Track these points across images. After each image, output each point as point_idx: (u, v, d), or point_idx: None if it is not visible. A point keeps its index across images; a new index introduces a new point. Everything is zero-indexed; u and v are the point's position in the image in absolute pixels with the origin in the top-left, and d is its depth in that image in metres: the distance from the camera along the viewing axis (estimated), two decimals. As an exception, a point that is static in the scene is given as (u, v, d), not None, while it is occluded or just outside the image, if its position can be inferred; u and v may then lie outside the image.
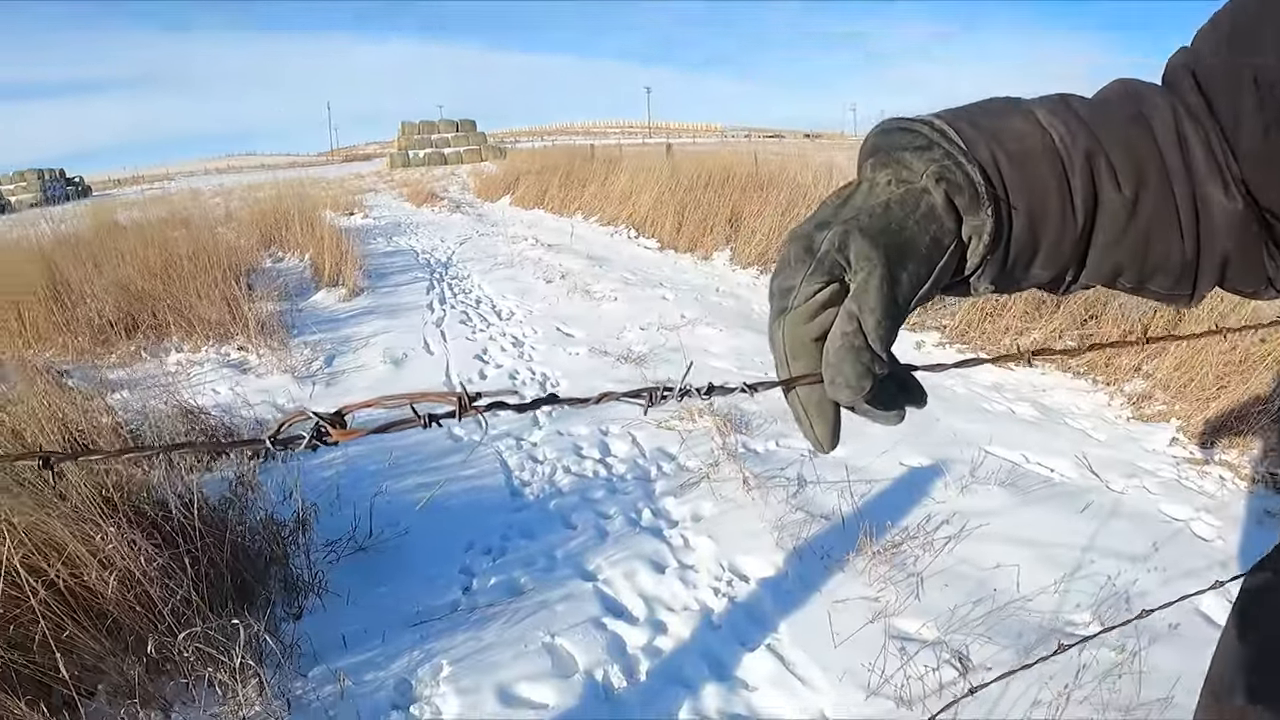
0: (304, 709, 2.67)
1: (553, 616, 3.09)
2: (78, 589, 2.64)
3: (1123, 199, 0.67)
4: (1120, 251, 0.70)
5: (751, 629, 3.00)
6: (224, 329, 6.98)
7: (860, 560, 3.23)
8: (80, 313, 7.11)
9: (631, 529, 3.69)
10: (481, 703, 2.68)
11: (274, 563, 3.29)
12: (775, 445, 4.32)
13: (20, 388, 4.42)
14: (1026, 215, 0.65)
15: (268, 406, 5.40)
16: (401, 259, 11.23)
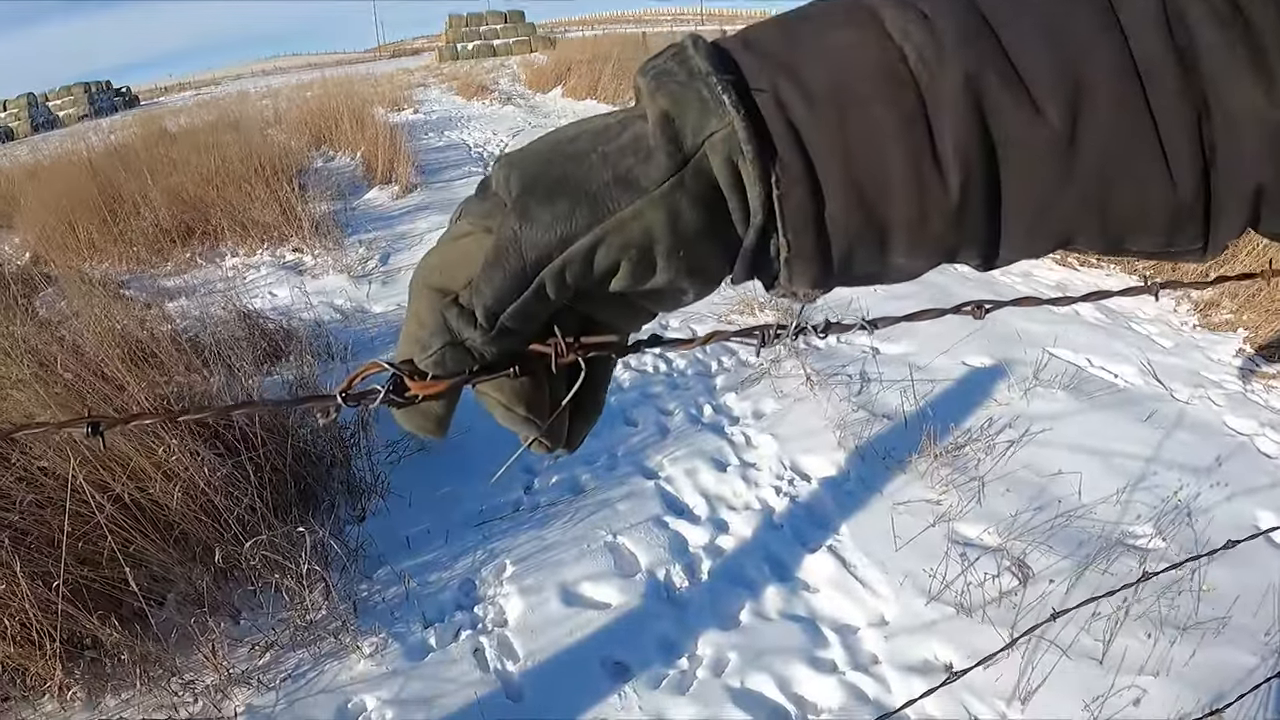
0: (370, 611, 2.72)
1: (615, 515, 3.10)
2: (144, 502, 2.69)
3: (1046, 128, 0.41)
4: (1060, 211, 0.43)
5: (813, 530, 2.98)
6: (278, 231, 7.00)
7: (922, 462, 3.17)
8: (134, 223, 7.18)
9: (693, 426, 3.66)
10: (545, 602, 2.71)
11: (336, 466, 3.33)
12: (837, 341, 4.22)
13: (78, 302, 4.48)
14: (846, 183, 0.41)
15: (326, 307, 5.43)
16: (454, 153, 11.13)
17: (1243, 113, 0.41)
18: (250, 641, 2.62)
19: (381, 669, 2.51)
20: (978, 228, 0.43)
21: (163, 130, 12.06)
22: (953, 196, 0.41)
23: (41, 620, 2.38)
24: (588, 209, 0.40)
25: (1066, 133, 0.40)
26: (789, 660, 2.43)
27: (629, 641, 2.55)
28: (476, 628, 2.66)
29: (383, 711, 2.38)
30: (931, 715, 2.23)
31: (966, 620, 2.49)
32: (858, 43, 0.41)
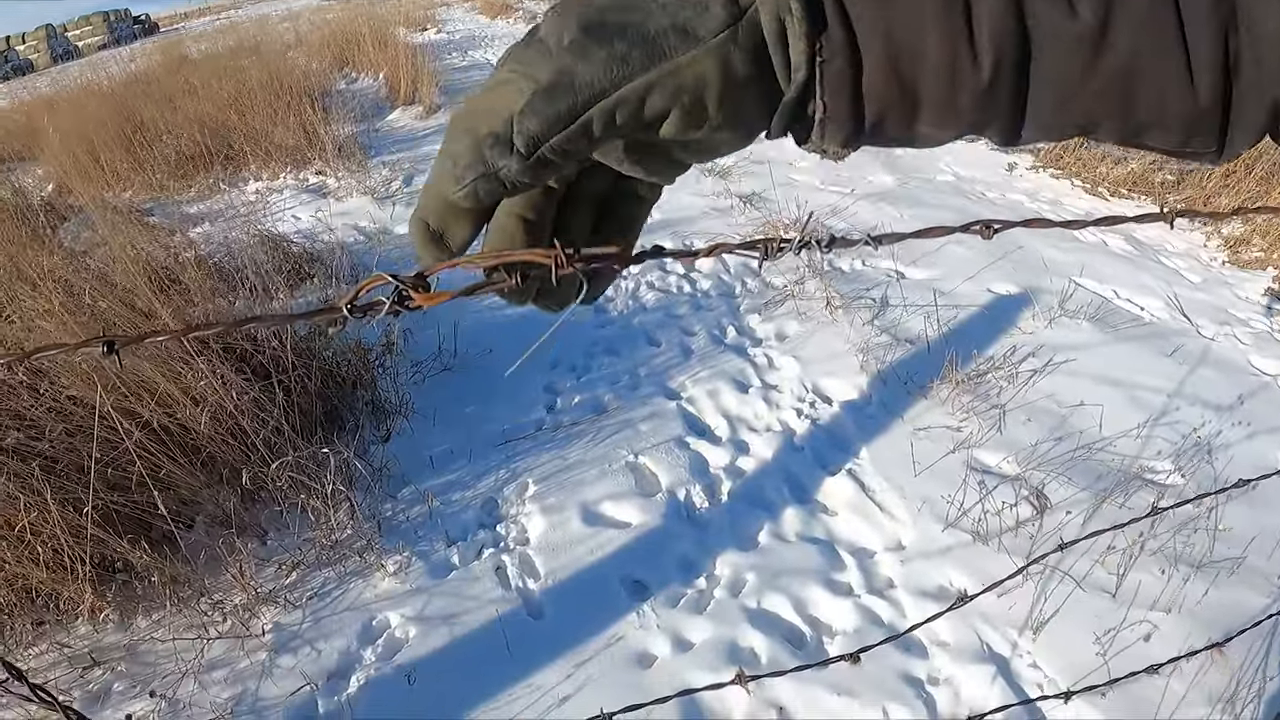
0: (394, 530, 2.79)
1: (636, 435, 3.14)
2: (172, 427, 2.75)
3: (1079, 25, 0.44)
4: (1084, 101, 0.46)
5: (833, 453, 3.01)
6: (301, 155, 7.00)
7: (944, 388, 3.18)
8: (156, 151, 7.19)
9: (716, 347, 3.69)
10: (566, 521, 2.77)
11: (361, 387, 3.39)
12: (862, 265, 4.22)
13: (103, 231, 4.53)
14: (885, 57, 0.43)
15: (349, 229, 5.46)
16: (478, 74, 11.02)
17: (1269, 30, 0.43)
18: (277, 561, 2.70)
19: (405, 587, 2.59)
20: (1003, 109, 0.45)
21: (183, 56, 12.01)
22: (983, 79, 0.43)
23: (73, 546, 2.46)
24: (645, 52, 0.42)
25: (1097, 29, 0.43)
26: (806, 582, 2.48)
27: (648, 561, 2.61)
28: (499, 546, 2.73)
29: (406, 628, 2.45)
30: (944, 640, 2.28)
31: (983, 548, 2.52)
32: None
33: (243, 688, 2.35)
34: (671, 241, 4.67)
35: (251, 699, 2.32)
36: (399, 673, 2.32)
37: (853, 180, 5.38)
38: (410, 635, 2.43)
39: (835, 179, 5.50)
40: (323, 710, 2.26)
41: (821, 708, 2.14)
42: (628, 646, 2.33)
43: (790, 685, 2.18)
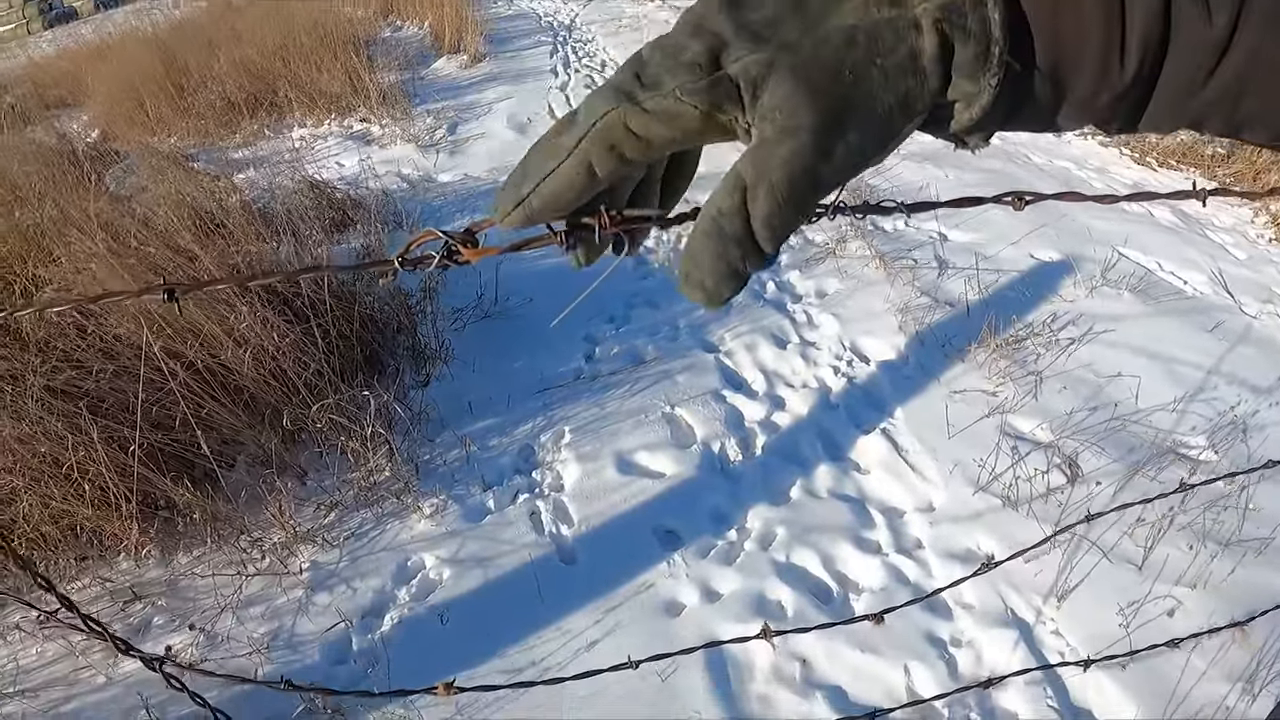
0: (431, 473, 2.85)
1: (673, 387, 3.18)
2: (215, 368, 2.82)
3: (1210, 34, 0.46)
4: (1197, 105, 0.49)
5: (868, 411, 3.03)
6: (346, 102, 7.05)
7: (981, 352, 3.18)
8: (202, 97, 7.27)
9: (755, 302, 3.70)
10: (601, 469, 2.82)
11: (402, 332, 3.45)
12: (905, 225, 4.20)
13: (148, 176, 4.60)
14: (1050, 66, 0.46)
15: (393, 177, 5.51)
16: (523, 23, 11.00)
17: None
18: (316, 501, 2.77)
19: (440, 529, 2.65)
20: (1131, 107, 0.48)
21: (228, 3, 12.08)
22: (1125, 80, 0.45)
23: (118, 483, 2.54)
24: (877, 139, 0.44)
25: (1225, 39, 0.45)
26: (835, 539, 2.52)
27: (681, 511, 2.65)
28: (534, 492, 2.78)
29: (440, 570, 2.52)
30: (969, 602, 2.31)
31: (1012, 513, 2.54)
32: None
33: (279, 624, 2.43)
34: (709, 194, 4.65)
35: (287, 635, 2.40)
36: (432, 613, 2.39)
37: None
38: (444, 577, 2.50)
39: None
40: (357, 648, 2.33)
41: (844, 662, 2.18)
42: (657, 595, 2.38)
43: (814, 640, 2.22)
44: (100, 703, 2.30)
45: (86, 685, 2.35)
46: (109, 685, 2.34)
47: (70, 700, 2.32)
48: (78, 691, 2.34)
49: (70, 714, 2.29)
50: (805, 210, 0.44)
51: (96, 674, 2.37)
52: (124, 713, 2.24)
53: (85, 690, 2.34)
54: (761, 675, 2.17)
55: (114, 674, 2.36)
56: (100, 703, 2.30)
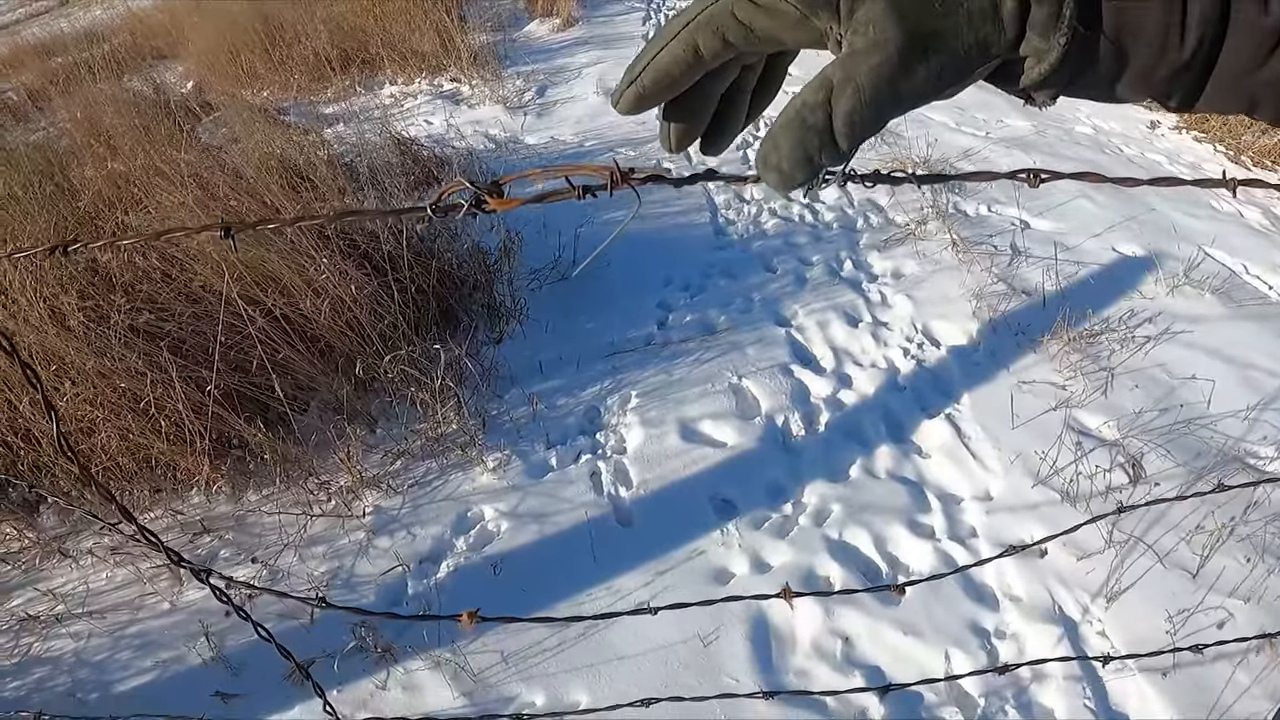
0: (497, 428, 2.95)
1: (742, 358, 3.22)
2: (293, 316, 2.94)
3: (1269, 20, 0.50)
4: (1251, 87, 0.54)
5: (934, 395, 3.04)
6: (437, 61, 7.16)
7: (1054, 344, 3.16)
8: (295, 52, 7.44)
9: (831, 279, 3.72)
10: (664, 435, 2.88)
11: (478, 290, 3.54)
12: (987, 210, 4.15)
13: (239, 128, 4.75)
14: (1114, 35, 0.51)
15: (480, 137, 5.61)
16: (619, -13, 11.08)
17: None
18: (383, 449, 2.88)
19: (502, 483, 2.74)
20: (1188, 84, 0.52)
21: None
22: (1184, 56, 0.50)
23: (194, 421, 2.67)
24: (955, 70, 0.49)
25: (1279, 27, 0.49)
26: (889, 520, 2.55)
27: (739, 481, 2.70)
28: (596, 453, 2.86)
29: (499, 522, 2.61)
30: (1017, 594, 2.32)
31: (1070, 509, 2.53)
32: None
33: (339, 563, 2.54)
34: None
35: (346, 574, 2.51)
36: (486, 563, 2.48)
37: (988, 124, 5.23)
38: (502, 529, 2.59)
39: (970, 120, 5.33)
40: (411, 591, 2.43)
41: (886, 643, 2.22)
42: (708, 562, 2.44)
43: (859, 618, 2.26)
44: (163, 627, 2.44)
45: (151, 610, 2.50)
46: (173, 611, 2.48)
47: (135, 623, 2.47)
48: (142, 616, 2.49)
49: (134, 635, 2.44)
50: (882, 115, 0.49)
51: (161, 600, 2.52)
52: (185, 637, 2.38)
53: (149, 615, 2.49)
54: (802, 650, 2.22)
55: (178, 601, 2.50)
56: (163, 627, 2.44)
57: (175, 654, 2.36)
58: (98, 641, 2.44)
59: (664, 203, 4.34)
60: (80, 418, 2.70)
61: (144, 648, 2.40)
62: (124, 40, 10.05)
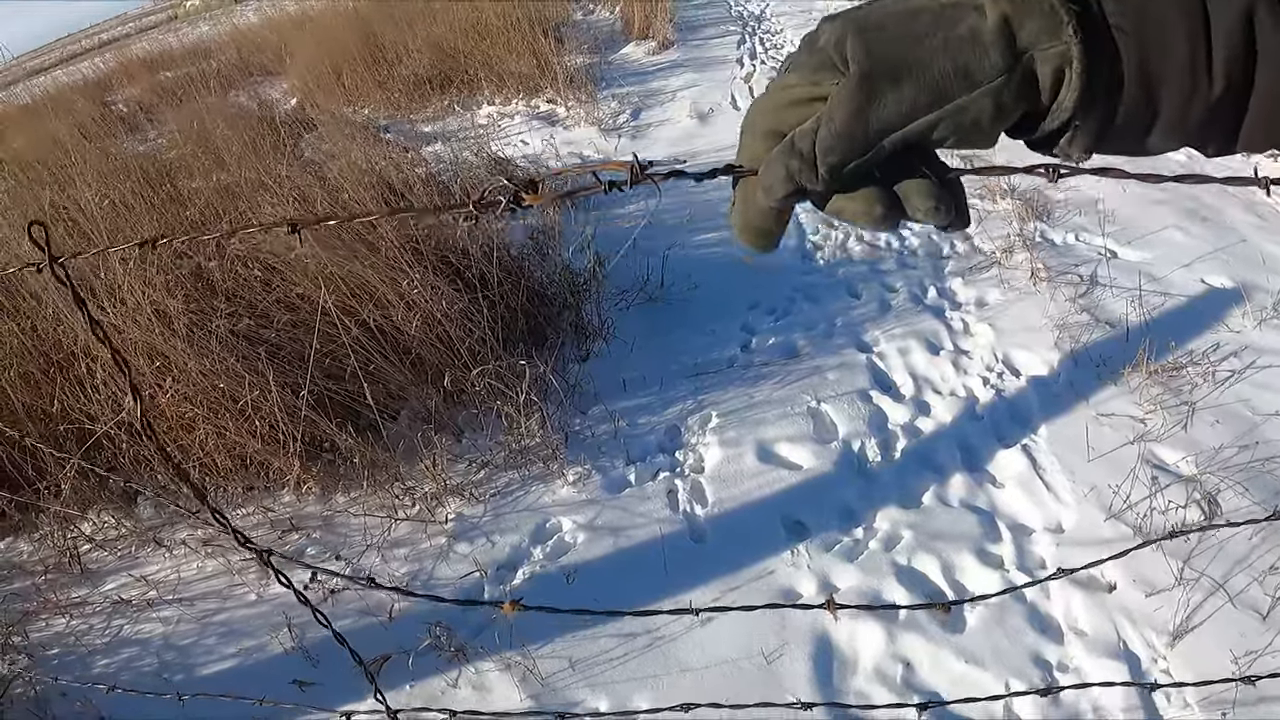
0: (579, 443, 3.09)
1: (823, 382, 3.32)
2: (386, 328, 3.13)
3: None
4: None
5: (1011, 426, 3.09)
6: (534, 82, 7.40)
7: (1135, 377, 3.17)
8: (395, 71, 7.75)
9: (914, 306, 3.80)
10: (741, 456, 2.99)
11: (566, 309, 3.71)
12: (1074, 239, 4.18)
13: (340, 144, 5.00)
14: (1140, 71, 0.52)
15: (574, 157, 5.81)
16: (713, 11, 11.18)
17: None
18: (468, 459, 3.05)
19: (581, 496, 2.88)
20: (1224, 122, 0.53)
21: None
22: (1215, 93, 0.51)
23: (288, 424, 2.87)
24: (930, 95, 0.51)
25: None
26: (959, 548, 2.61)
27: (812, 504, 2.79)
28: (674, 471, 2.99)
29: (576, 534, 2.75)
30: (1083, 629, 2.36)
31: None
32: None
33: (420, 565, 2.71)
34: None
35: (426, 576, 2.68)
36: (561, 572, 2.62)
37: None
38: (578, 540, 2.72)
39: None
40: (487, 595, 2.57)
41: (947, 670, 2.27)
42: (776, 581, 2.54)
43: (921, 643, 2.32)
44: (248, 617, 2.63)
45: (238, 601, 2.70)
46: (259, 603, 2.68)
47: (222, 612, 2.67)
48: (230, 605, 2.69)
49: (220, 623, 2.63)
50: (855, 144, 0.52)
51: (249, 591, 2.71)
52: (270, 628, 2.56)
53: (236, 605, 2.69)
54: (864, 672, 2.30)
55: (265, 593, 2.70)
56: (248, 617, 2.63)
57: (258, 642, 2.55)
58: (186, 627, 2.65)
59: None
60: (181, 415, 2.91)
61: (229, 635, 2.60)
62: (231, 57, 10.54)
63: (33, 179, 5.44)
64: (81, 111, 8.91)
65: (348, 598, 2.61)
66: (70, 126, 7.71)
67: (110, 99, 10.42)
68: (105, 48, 21.19)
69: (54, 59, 29.95)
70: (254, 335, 3.05)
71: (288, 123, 6.60)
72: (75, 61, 20.65)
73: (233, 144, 5.25)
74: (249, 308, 3.14)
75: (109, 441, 2.97)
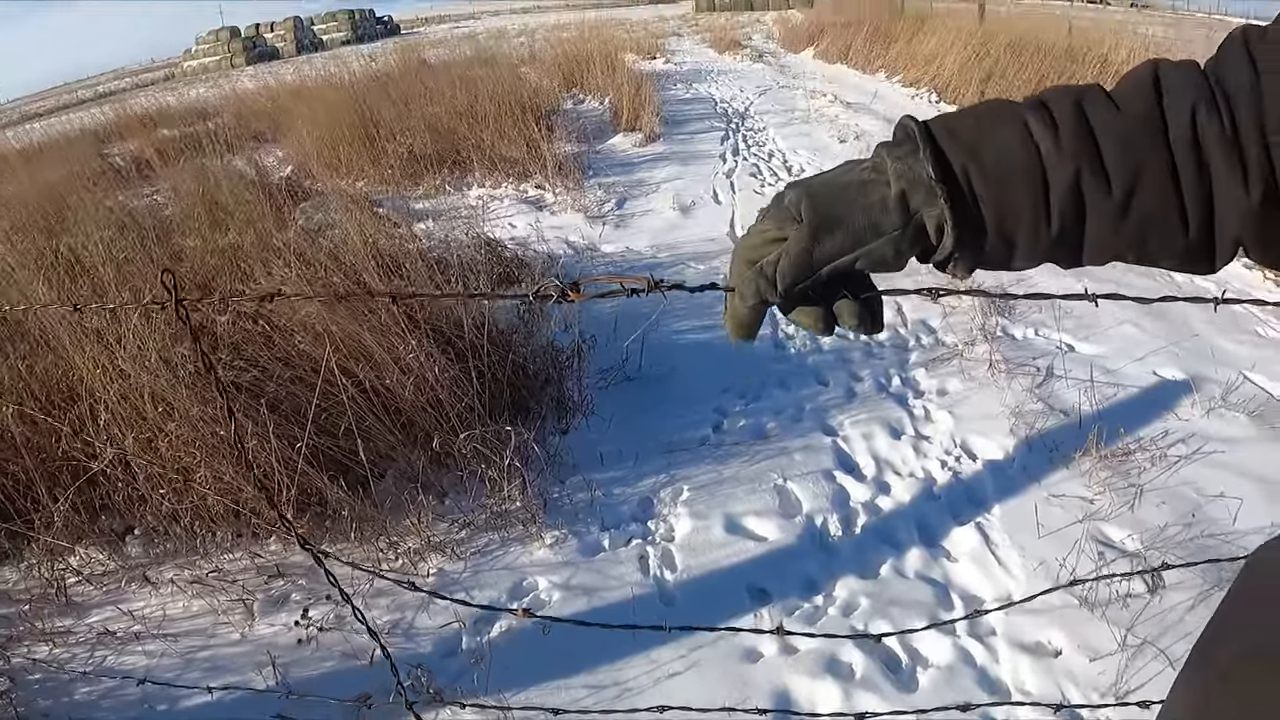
0: (557, 509, 3.29)
1: (789, 462, 3.54)
2: (380, 389, 3.33)
3: (1112, 203, 0.76)
4: (1115, 246, 0.80)
5: (967, 505, 3.31)
6: (523, 167, 7.75)
7: (1086, 461, 3.41)
8: (391, 148, 8.05)
9: (879, 393, 4.07)
10: (710, 527, 3.20)
11: (549, 384, 3.94)
12: (1034, 334, 4.51)
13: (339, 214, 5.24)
14: (997, 224, 0.77)
15: (559, 242, 6.08)
16: (699, 107, 11.67)
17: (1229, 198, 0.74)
18: (451, 518, 3.24)
19: (557, 558, 3.07)
20: (1066, 251, 0.80)
21: (421, 61, 13.14)
22: (1053, 237, 0.77)
23: (282, 474, 3.04)
24: (853, 241, 0.78)
25: (1124, 204, 0.75)
26: (914, 616, 2.79)
27: (775, 573, 2.99)
28: (646, 539, 3.18)
29: (551, 592, 2.93)
30: (1029, 689, 2.53)
31: (1086, 613, 2.76)
32: (1013, 142, 0.76)
33: (401, 615, 2.87)
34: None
35: (407, 625, 2.84)
36: (536, 625, 2.78)
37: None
38: (554, 599, 2.90)
39: None
40: (465, 646, 2.74)
41: (899, 722, 2.47)
42: (739, 642, 2.71)
43: (877, 701, 2.48)
44: (233, 655, 2.78)
45: (223, 639, 2.85)
46: (242, 642, 2.83)
47: (206, 649, 2.81)
48: (214, 643, 2.83)
49: (204, 659, 2.78)
50: (801, 272, 0.79)
51: (234, 631, 2.87)
52: (253, 665, 2.71)
53: (221, 644, 2.83)
54: (823, 725, 2.49)
55: (249, 633, 2.85)
56: (233, 655, 2.78)
57: (242, 678, 2.68)
58: (170, 660, 2.78)
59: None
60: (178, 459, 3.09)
61: (213, 670, 2.73)
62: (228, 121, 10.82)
63: (29, 224, 5.67)
64: (77, 160, 9.16)
65: (330, 640, 2.77)
66: (67, 175, 7.96)
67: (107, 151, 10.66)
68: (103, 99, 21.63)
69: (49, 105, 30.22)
70: (256, 388, 3.24)
71: (284, 190, 6.86)
72: (72, 110, 21.02)
73: (235, 206, 5.49)
74: (252, 362, 3.33)
75: (104, 479, 3.14)
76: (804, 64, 17.85)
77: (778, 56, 19.62)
